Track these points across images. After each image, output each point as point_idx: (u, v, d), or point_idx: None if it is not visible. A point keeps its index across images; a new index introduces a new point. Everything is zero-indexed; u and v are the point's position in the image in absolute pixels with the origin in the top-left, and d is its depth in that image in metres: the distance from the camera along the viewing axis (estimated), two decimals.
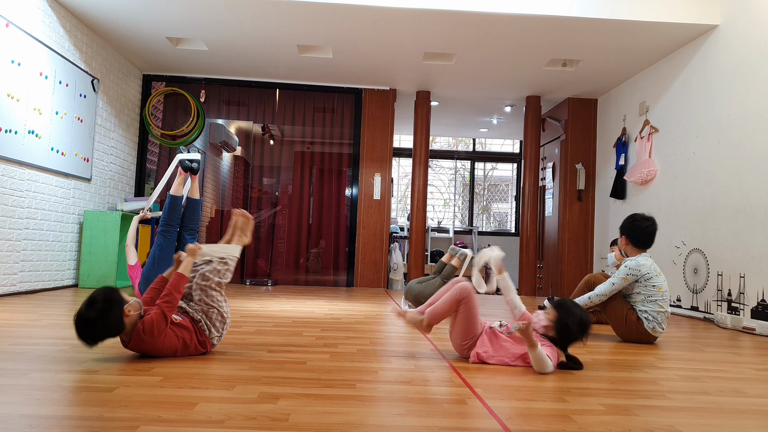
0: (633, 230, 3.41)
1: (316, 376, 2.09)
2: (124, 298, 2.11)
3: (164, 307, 2.17)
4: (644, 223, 3.39)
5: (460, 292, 2.45)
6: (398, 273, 7.13)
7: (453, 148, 10.49)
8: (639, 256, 3.36)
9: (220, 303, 2.35)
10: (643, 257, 3.34)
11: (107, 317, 2.03)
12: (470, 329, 2.47)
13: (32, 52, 4.44)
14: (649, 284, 3.27)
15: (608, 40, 5.09)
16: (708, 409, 1.87)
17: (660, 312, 3.24)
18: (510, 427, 1.57)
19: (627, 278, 3.29)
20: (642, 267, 3.28)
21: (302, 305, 4.53)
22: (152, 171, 6.81)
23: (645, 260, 3.32)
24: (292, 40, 5.45)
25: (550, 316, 2.42)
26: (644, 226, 3.38)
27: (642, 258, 3.34)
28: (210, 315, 2.34)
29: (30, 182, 4.52)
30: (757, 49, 4.24)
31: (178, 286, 2.22)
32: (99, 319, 2.01)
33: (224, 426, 1.47)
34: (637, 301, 3.30)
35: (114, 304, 2.06)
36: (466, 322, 2.46)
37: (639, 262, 3.30)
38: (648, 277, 3.27)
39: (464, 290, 2.45)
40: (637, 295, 3.31)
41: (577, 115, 6.95)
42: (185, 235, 4.02)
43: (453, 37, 5.19)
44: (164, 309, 2.16)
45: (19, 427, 1.41)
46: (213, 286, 2.34)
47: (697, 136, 4.92)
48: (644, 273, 3.27)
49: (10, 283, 4.37)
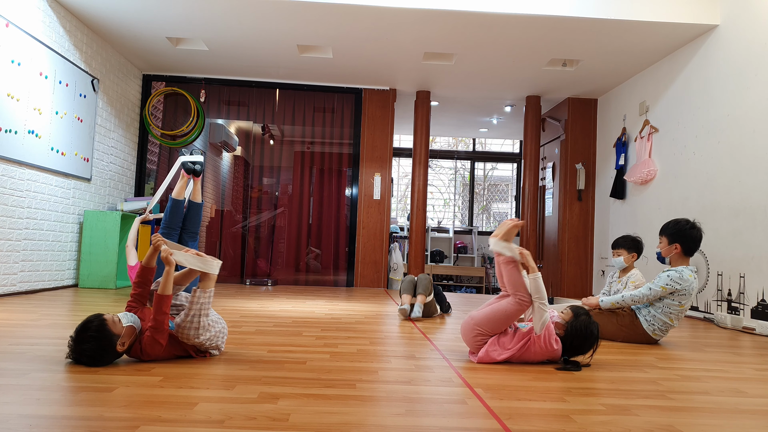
0: (688, 238, 3.20)
1: (316, 376, 2.09)
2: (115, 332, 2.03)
3: (154, 333, 2.11)
4: (696, 232, 3.20)
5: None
6: (398, 273, 7.13)
7: (453, 148, 10.49)
8: (684, 268, 3.17)
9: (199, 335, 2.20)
10: (688, 270, 3.15)
11: (98, 364, 2.04)
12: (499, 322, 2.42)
13: (32, 52, 4.44)
14: (678, 299, 3.14)
15: (608, 40, 5.09)
16: (708, 409, 1.87)
17: (667, 324, 3.19)
18: (510, 427, 1.57)
19: (666, 288, 3.12)
20: (684, 282, 3.11)
21: (302, 305, 4.52)
22: (152, 171, 6.81)
23: (690, 275, 3.13)
24: (292, 40, 5.44)
25: (565, 317, 2.46)
26: (698, 235, 3.20)
27: (687, 271, 3.15)
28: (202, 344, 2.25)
29: (30, 182, 4.52)
30: (757, 49, 4.24)
31: (161, 308, 2.11)
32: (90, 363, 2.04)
33: (224, 426, 1.47)
34: (654, 305, 3.20)
35: (105, 352, 2.03)
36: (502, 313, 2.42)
37: (684, 276, 3.12)
38: (682, 293, 3.13)
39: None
40: (656, 301, 3.19)
41: (577, 115, 6.95)
42: (186, 238, 4.02)
43: (453, 37, 5.19)
44: (155, 336, 2.11)
45: (19, 427, 1.41)
46: (190, 337, 2.19)
47: (697, 136, 4.92)
48: (682, 289, 3.12)
49: (10, 283, 4.36)
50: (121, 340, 2.05)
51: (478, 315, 2.47)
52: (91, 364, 2.05)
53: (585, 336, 2.42)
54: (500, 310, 2.42)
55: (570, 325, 2.43)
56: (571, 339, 2.42)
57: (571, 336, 2.42)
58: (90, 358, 2.03)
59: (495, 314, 2.42)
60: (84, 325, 2.04)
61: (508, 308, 2.40)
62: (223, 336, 2.33)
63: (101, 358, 2.04)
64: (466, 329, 2.50)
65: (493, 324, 2.43)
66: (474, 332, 2.46)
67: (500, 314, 2.42)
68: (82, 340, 2.02)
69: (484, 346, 2.45)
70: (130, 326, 2.10)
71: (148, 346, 2.11)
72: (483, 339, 2.45)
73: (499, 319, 2.42)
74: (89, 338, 2.01)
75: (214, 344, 2.29)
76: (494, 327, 2.43)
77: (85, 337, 2.01)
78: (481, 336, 2.44)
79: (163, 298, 2.13)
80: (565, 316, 2.46)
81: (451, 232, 9.70)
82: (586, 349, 2.45)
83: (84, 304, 4.02)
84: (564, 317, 2.46)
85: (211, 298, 2.22)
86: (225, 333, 2.35)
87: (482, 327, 2.44)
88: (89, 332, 2.01)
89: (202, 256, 2.24)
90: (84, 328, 2.03)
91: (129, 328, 2.09)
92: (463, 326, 2.52)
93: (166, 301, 2.13)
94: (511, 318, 2.42)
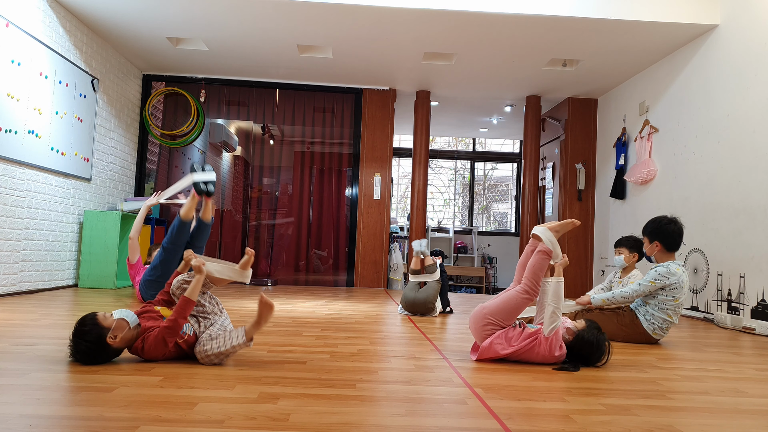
0: (665, 234, 3.24)
1: (316, 376, 2.09)
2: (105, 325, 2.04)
3: (166, 333, 2.10)
4: (674, 226, 3.25)
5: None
6: (398, 273, 7.13)
7: (453, 148, 10.49)
8: (671, 262, 3.22)
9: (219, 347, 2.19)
10: (675, 264, 3.20)
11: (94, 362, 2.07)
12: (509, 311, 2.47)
13: (32, 52, 4.44)
14: (670, 294, 3.17)
15: (608, 40, 5.09)
16: (708, 409, 1.87)
17: (667, 321, 3.20)
18: (510, 427, 1.57)
19: (655, 283, 3.16)
20: (672, 276, 3.15)
21: (302, 305, 4.52)
22: (152, 171, 6.81)
23: (677, 269, 3.18)
24: (292, 40, 5.44)
25: (578, 325, 2.48)
26: (675, 229, 3.24)
27: (674, 266, 3.20)
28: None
29: (30, 182, 4.52)
30: (757, 49, 4.24)
31: (183, 312, 2.12)
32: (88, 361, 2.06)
33: (224, 426, 1.47)
34: (650, 303, 3.22)
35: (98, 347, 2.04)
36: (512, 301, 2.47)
37: (671, 269, 3.17)
38: (673, 287, 3.16)
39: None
40: (652, 298, 3.22)
41: (577, 115, 6.95)
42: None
43: (453, 37, 5.19)
44: (165, 336, 2.10)
45: (19, 427, 1.41)
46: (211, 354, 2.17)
47: (697, 136, 4.92)
48: (671, 283, 3.15)
49: (10, 283, 4.36)
50: (111, 333, 2.04)
51: (489, 305, 2.52)
52: (88, 361, 2.06)
53: (594, 346, 2.42)
54: (511, 298, 2.48)
55: (580, 333, 2.44)
56: (579, 347, 2.43)
57: (580, 344, 2.43)
58: (85, 354, 2.05)
59: (505, 303, 2.48)
60: (78, 323, 2.08)
61: (517, 296, 2.47)
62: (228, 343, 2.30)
63: (96, 354, 2.06)
64: (476, 318, 2.53)
65: (504, 313, 2.47)
66: (485, 321, 2.49)
67: (510, 303, 2.47)
68: (77, 338, 2.05)
69: (490, 336, 2.47)
70: (121, 319, 2.07)
71: (153, 345, 2.10)
72: (492, 329, 2.48)
73: (510, 309, 2.47)
74: (82, 334, 2.04)
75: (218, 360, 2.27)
76: (505, 316, 2.48)
77: (79, 334, 2.05)
78: (491, 325, 2.48)
79: (188, 303, 2.14)
80: (578, 325, 2.47)
81: (451, 232, 9.70)
82: (592, 360, 2.46)
83: (84, 304, 4.02)
84: (577, 326, 2.47)
85: (241, 339, 2.17)
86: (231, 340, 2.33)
87: (493, 316, 2.47)
88: (82, 329, 2.05)
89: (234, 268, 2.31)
90: (78, 326, 2.07)
91: (119, 321, 2.07)
92: (473, 316, 2.55)
93: (190, 306, 2.15)
94: (520, 306, 2.47)
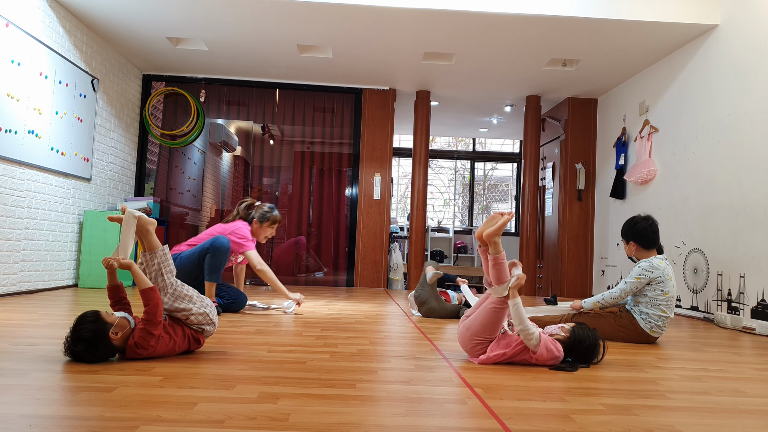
0: (638, 233, 3.31)
1: (316, 376, 2.08)
2: (108, 321, 2.11)
3: (147, 325, 2.17)
4: (645, 223, 3.32)
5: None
6: (398, 273, 7.13)
7: (453, 148, 10.49)
8: (653, 257, 3.27)
9: (190, 309, 2.28)
10: (657, 258, 3.25)
11: (94, 351, 2.08)
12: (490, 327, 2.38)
13: (32, 52, 4.44)
14: (658, 288, 3.19)
15: (608, 40, 5.09)
16: (708, 409, 1.87)
17: (662, 316, 3.21)
18: (510, 427, 1.57)
19: (640, 278, 3.19)
20: (655, 270, 3.19)
21: (302, 305, 4.52)
22: (152, 171, 6.81)
23: (660, 262, 3.23)
24: (292, 40, 5.44)
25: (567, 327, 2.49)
26: (646, 226, 3.31)
27: (657, 260, 3.24)
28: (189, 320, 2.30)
29: (30, 182, 4.52)
30: (757, 49, 4.24)
31: (148, 301, 2.17)
32: (87, 355, 2.08)
33: (224, 426, 1.47)
34: (641, 302, 3.25)
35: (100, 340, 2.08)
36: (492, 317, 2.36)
37: (653, 263, 3.21)
38: (659, 281, 3.19)
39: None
40: (642, 296, 3.25)
41: (577, 115, 6.95)
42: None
43: (453, 37, 5.19)
44: (147, 327, 2.16)
45: (19, 427, 1.41)
46: (167, 288, 2.25)
47: (697, 136, 4.92)
48: (656, 276, 3.18)
49: (10, 283, 4.36)
50: (114, 329, 2.10)
51: (472, 325, 2.42)
52: (88, 354, 2.08)
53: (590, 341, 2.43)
54: (488, 313, 2.37)
55: (575, 330, 2.45)
56: (577, 344, 2.43)
57: (577, 341, 2.43)
58: (85, 342, 2.06)
59: (485, 319, 2.37)
60: (80, 317, 2.11)
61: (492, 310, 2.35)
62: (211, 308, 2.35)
63: (97, 346, 2.08)
64: (464, 340, 2.46)
65: (487, 329, 2.38)
66: (473, 342, 2.42)
67: (489, 318, 2.36)
68: (78, 330, 2.07)
69: (486, 352, 2.41)
70: (123, 317, 2.17)
71: (141, 339, 2.15)
72: (483, 346, 2.41)
73: (490, 323, 2.37)
74: (85, 327, 2.07)
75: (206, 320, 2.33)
76: (489, 331, 2.39)
77: (81, 327, 2.07)
78: (481, 344, 2.41)
79: (146, 293, 2.18)
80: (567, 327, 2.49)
81: (451, 232, 9.69)
82: (589, 357, 2.45)
83: (84, 304, 4.02)
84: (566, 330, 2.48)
85: (166, 255, 2.26)
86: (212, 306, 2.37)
87: (479, 335, 2.40)
88: (85, 323, 2.08)
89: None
90: (80, 320, 2.10)
91: (122, 319, 2.15)
92: (461, 337, 2.48)
93: (150, 294, 2.18)
94: (499, 317, 2.36)
